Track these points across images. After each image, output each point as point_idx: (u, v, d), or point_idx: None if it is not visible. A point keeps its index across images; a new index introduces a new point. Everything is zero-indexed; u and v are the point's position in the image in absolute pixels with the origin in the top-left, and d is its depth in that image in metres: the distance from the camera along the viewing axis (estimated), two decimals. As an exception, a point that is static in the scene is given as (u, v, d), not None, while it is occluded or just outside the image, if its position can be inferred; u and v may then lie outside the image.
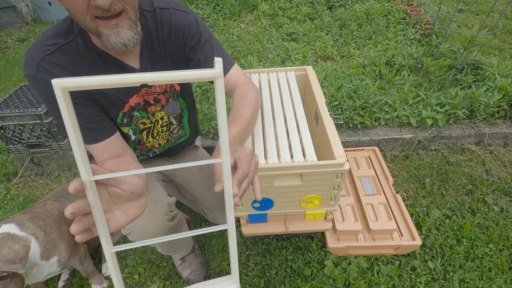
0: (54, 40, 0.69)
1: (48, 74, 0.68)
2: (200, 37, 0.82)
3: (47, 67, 0.67)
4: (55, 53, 0.68)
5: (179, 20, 0.79)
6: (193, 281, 1.15)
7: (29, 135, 1.60)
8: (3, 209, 1.55)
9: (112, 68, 0.75)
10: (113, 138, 0.78)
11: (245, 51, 2.38)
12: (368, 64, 2.08)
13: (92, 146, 0.75)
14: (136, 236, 0.89)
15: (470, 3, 3.14)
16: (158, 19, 0.78)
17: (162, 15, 0.78)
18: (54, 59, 0.68)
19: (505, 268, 1.14)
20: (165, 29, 0.79)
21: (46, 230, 1.00)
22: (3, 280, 0.85)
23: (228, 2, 3.13)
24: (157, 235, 0.90)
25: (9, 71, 2.86)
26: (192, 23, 0.81)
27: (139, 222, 0.87)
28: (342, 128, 1.66)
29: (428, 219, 1.31)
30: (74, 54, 0.70)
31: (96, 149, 0.76)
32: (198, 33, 0.82)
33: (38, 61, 0.67)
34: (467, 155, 1.60)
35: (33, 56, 0.68)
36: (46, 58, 0.67)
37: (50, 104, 0.72)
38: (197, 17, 0.83)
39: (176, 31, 0.80)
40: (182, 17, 0.80)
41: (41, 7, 3.69)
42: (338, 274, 1.15)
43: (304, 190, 0.86)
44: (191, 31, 0.81)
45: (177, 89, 0.92)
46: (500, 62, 1.88)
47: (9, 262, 0.85)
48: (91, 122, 0.75)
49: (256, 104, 0.83)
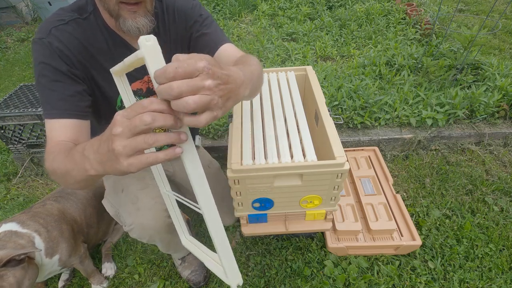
0: (69, 13, 0.73)
1: (57, 40, 0.69)
2: (199, 17, 0.86)
3: (58, 34, 0.70)
4: (69, 24, 0.72)
5: (181, 5, 0.85)
6: (193, 281, 1.15)
7: (29, 135, 1.60)
8: (3, 209, 1.55)
9: (121, 48, 0.79)
10: (83, 123, 0.73)
11: (245, 51, 2.38)
12: (368, 64, 2.08)
13: (56, 121, 0.69)
14: (137, 233, 0.90)
15: (470, 3, 3.14)
16: (164, 6, 0.84)
17: (167, 2, 0.84)
18: (68, 28, 0.71)
19: (505, 268, 1.14)
20: (170, 16, 0.84)
21: (48, 228, 1.00)
22: (21, 264, 0.87)
23: (228, 2, 3.13)
24: (157, 232, 0.91)
25: (9, 71, 2.86)
26: (193, 6, 0.86)
27: (139, 219, 0.87)
28: (342, 128, 1.66)
29: (428, 219, 1.31)
30: (87, 29, 0.74)
31: (59, 126, 0.69)
32: (198, 14, 0.86)
33: (51, 27, 0.70)
34: (467, 155, 1.60)
35: (47, 24, 0.71)
36: (60, 27, 0.71)
37: (43, 70, 0.69)
38: (199, 4, 0.88)
39: (179, 15, 0.85)
40: (184, 2, 0.86)
41: (41, 7, 3.68)
42: (338, 274, 1.15)
43: (304, 190, 0.86)
44: (190, 14, 0.86)
45: None
46: (500, 62, 1.88)
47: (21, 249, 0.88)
48: (70, 95, 0.71)
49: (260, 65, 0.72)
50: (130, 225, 0.88)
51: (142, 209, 0.87)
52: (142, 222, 0.87)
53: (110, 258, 1.27)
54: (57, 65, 0.69)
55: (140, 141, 0.39)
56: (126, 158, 0.41)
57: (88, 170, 0.48)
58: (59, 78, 0.70)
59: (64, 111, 0.70)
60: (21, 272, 0.86)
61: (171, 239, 0.98)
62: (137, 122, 0.38)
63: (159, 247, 1.07)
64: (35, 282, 0.91)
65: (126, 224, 0.90)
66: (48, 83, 0.69)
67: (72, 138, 0.69)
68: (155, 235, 0.92)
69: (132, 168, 0.41)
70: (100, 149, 0.44)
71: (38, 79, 0.70)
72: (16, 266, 0.85)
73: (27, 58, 3.00)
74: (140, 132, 0.39)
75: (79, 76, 0.74)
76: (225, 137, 1.67)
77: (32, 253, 0.90)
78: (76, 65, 0.73)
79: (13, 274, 0.84)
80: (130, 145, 0.40)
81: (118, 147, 0.40)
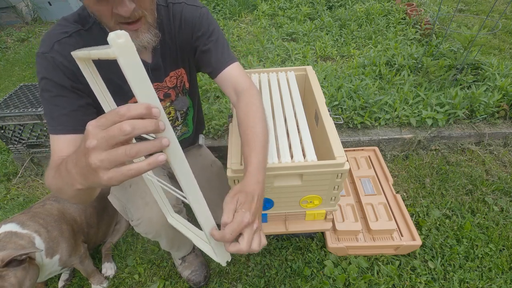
0: (73, 25, 0.72)
1: (60, 56, 0.69)
2: (207, 29, 0.84)
3: (60, 49, 0.69)
4: (73, 36, 0.71)
5: (189, 13, 0.82)
6: (193, 281, 1.15)
7: (29, 135, 1.60)
8: (3, 209, 1.55)
9: None
10: None
11: (245, 51, 2.38)
12: (368, 64, 2.08)
13: (60, 137, 0.69)
14: (144, 227, 0.90)
15: (470, 3, 3.14)
16: (170, 13, 0.81)
17: (174, 9, 0.81)
18: (71, 41, 0.70)
19: (505, 268, 1.14)
20: (176, 23, 0.82)
21: (48, 228, 1.00)
22: (22, 264, 0.87)
23: (228, 2, 3.13)
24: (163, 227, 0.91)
25: (9, 71, 2.86)
26: (201, 16, 0.83)
27: (147, 213, 0.88)
28: (342, 128, 1.66)
29: (428, 219, 1.31)
30: (90, 41, 0.72)
31: (63, 141, 0.69)
32: (206, 26, 0.84)
33: (54, 41, 0.69)
34: (467, 155, 1.60)
35: (50, 37, 0.70)
36: (63, 40, 0.70)
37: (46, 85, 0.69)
38: (207, 12, 0.85)
39: (185, 24, 0.83)
40: (192, 11, 0.83)
41: (41, 7, 3.69)
42: (338, 274, 1.15)
43: (304, 190, 0.86)
44: (198, 23, 0.83)
45: (187, 86, 0.94)
46: (500, 62, 1.88)
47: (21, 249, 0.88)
48: (75, 109, 0.71)
49: (263, 115, 0.78)
50: (138, 220, 0.89)
51: (150, 204, 0.87)
52: (151, 216, 0.88)
53: (110, 258, 1.27)
54: (60, 80, 0.69)
55: (120, 153, 0.36)
56: (105, 171, 0.38)
57: (74, 184, 0.46)
58: (62, 93, 0.70)
59: (67, 126, 0.70)
60: (22, 272, 0.86)
61: (175, 235, 0.99)
62: (115, 132, 0.35)
63: (162, 245, 1.06)
64: (35, 282, 0.92)
65: (133, 218, 0.90)
66: (51, 98, 0.69)
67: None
68: (161, 230, 0.92)
69: (113, 181, 0.39)
70: (78, 162, 0.42)
71: (42, 93, 0.71)
72: (17, 267, 0.86)
73: (27, 58, 3.00)
74: (118, 143, 0.36)
75: (83, 90, 0.73)
76: (225, 137, 1.67)
77: (33, 253, 0.90)
78: (80, 80, 0.71)
79: (15, 274, 0.84)
80: (108, 158, 0.37)
81: (95, 161, 0.37)
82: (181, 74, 0.91)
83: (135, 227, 0.91)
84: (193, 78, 0.98)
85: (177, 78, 0.91)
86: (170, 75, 0.88)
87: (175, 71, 0.89)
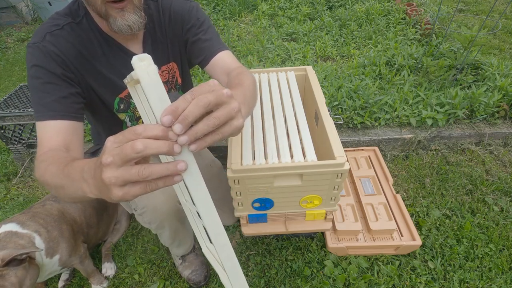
0: (64, 18, 0.73)
1: (52, 45, 0.70)
2: (196, 20, 0.85)
3: (52, 39, 0.70)
4: (64, 28, 0.72)
5: (178, 6, 0.84)
6: (194, 281, 1.15)
7: (29, 135, 1.61)
8: (3, 209, 1.55)
9: (116, 52, 0.79)
10: (76, 125, 0.71)
11: (245, 51, 2.38)
12: (368, 64, 2.08)
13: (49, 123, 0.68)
14: (149, 216, 0.91)
15: (470, 3, 3.14)
16: (160, 7, 0.83)
17: (163, 3, 0.83)
18: (63, 33, 0.72)
19: (505, 268, 1.14)
20: (166, 17, 0.84)
21: (48, 228, 1.00)
22: (23, 264, 0.87)
23: (228, 2, 3.13)
24: (167, 216, 0.92)
25: (9, 71, 2.86)
26: (190, 9, 0.85)
27: (152, 201, 0.88)
28: (342, 128, 1.66)
29: (428, 219, 1.31)
30: (81, 34, 0.74)
31: (52, 127, 0.67)
32: (195, 18, 0.85)
33: (46, 33, 0.70)
34: (467, 155, 1.60)
35: (42, 29, 0.71)
36: (54, 32, 0.71)
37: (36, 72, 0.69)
38: (197, 6, 0.87)
39: (175, 17, 0.84)
40: (182, 4, 0.85)
41: (41, 7, 3.68)
42: (338, 274, 1.15)
43: (304, 190, 0.86)
44: (188, 16, 0.85)
45: (179, 81, 0.94)
46: (500, 62, 1.88)
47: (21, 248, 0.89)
48: (64, 96, 0.70)
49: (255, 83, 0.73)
50: (143, 208, 0.89)
51: (156, 192, 0.86)
52: (155, 204, 0.88)
53: (110, 258, 1.27)
54: (51, 68, 0.69)
55: (133, 173, 0.36)
56: (120, 188, 0.38)
57: (86, 192, 0.46)
58: (52, 80, 0.70)
59: (57, 112, 0.69)
60: (22, 272, 0.86)
61: (178, 227, 0.99)
62: (128, 150, 0.35)
63: (164, 238, 1.05)
64: (35, 282, 0.92)
65: (138, 207, 0.90)
66: (41, 85, 0.69)
67: (65, 141, 0.67)
68: (165, 220, 0.93)
69: (128, 196, 0.38)
70: (95, 175, 0.42)
71: (31, 81, 0.70)
72: (17, 266, 0.86)
73: (27, 58, 3.00)
74: (131, 160, 0.36)
75: (73, 80, 0.74)
76: (225, 137, 1.66)
77: (33, 253, 0.90)
78: (71, 69, 0.73)
79: (15, 273, 0.84)
80: (122, 177, 0.36)
81: (110, 178, 0.37)
82: (172, 68, 0.92)
83: (139, 216, 0.92)
84: (186, 74, 0.99)
85: (169, 72, 0.91)
86: (162, 69, 0.89)
87: (167, 65, 0.90)
